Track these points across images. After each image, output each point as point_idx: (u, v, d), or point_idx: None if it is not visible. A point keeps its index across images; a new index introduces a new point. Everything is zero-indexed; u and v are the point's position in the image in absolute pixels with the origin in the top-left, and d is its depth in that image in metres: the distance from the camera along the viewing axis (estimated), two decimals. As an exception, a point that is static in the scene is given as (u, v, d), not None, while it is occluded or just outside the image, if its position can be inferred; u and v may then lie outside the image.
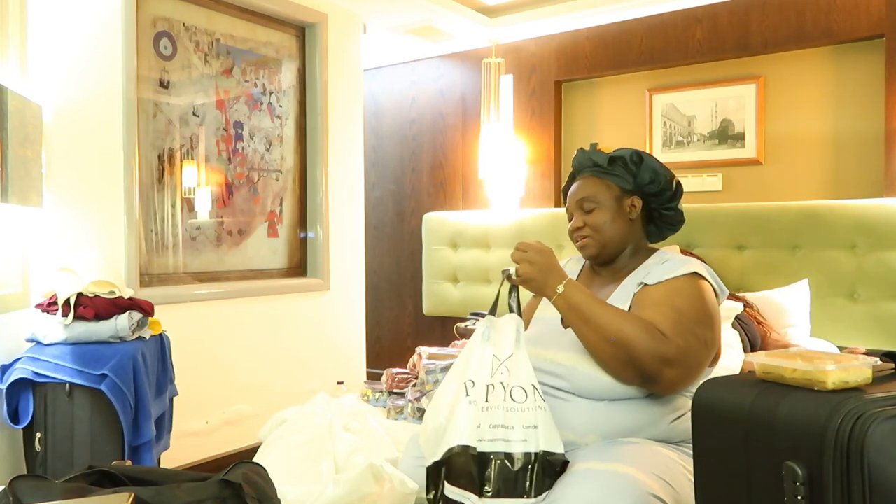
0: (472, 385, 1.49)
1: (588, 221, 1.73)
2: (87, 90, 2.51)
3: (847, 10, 3.02)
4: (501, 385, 1.47)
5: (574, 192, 1.79)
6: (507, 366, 1.49)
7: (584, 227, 1.74)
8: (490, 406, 1.46)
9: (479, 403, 1.46)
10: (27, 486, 1.16)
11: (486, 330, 1.55)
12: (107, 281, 2.20)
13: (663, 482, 1.42)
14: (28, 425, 2.10)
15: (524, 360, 1.51)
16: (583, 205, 1.75)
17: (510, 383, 1.47)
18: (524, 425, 1.43)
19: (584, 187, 1.77)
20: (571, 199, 1.79)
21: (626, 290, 1.67)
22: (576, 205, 1.77)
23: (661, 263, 1.67)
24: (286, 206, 3.40)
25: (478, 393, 1.47)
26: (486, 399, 1.46)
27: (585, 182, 1.77)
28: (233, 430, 3.01)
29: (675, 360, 1.48)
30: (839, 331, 2.88)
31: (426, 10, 3.48)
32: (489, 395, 1.47)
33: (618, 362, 1.51)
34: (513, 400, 1.46)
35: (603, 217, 1.72)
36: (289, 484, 1.65)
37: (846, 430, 0.98)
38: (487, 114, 3.89)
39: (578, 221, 1.75)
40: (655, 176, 1.73)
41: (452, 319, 3.75)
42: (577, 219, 1.76)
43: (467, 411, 1.45)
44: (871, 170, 3.04)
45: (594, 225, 1.73)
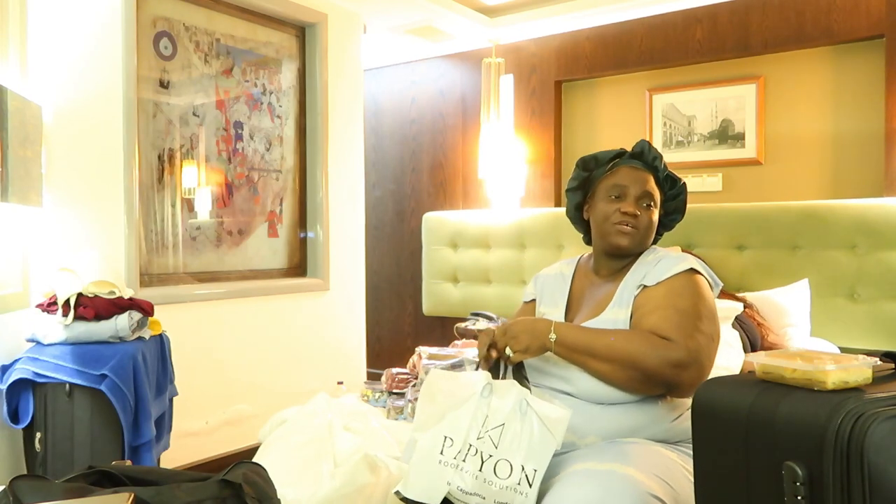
0: (450, 444, 1.41)
1: (642, 216, 1.69)
2: (87, 90, 2.51)
3: (847, 10, 3.02)
4: (481, 454, 1.40)
5: (640, 179, 1.70)
6: (492, 436, 1.41)
7: (639, 218, 1.68)
8: (463, 469, 1.40)
9: (454, 462, 1.40)
10: (27, 486, 1.16)
11: (486, 387, 1.47)
12: (107, 281, 2.20)
13: (662, 482, 1.42)
14: (28, 425, 2.10)
15: (524, 435, 1.41)
16: (645, 199, 1.70)
17: (495, 455, 1.40)
18: (497, 501, 1.38)
19: (647, 182, 1.70)
20: (637, 184, 1.69)
21: (627, 290, 1.67)
22: (642, 193, 1.69)
23: (657, 263, 1.68)
24: (286, 206, 3.40)
25: (453, 452, 1.41)
26: (464, 459, 1.40)
27: (647, 177, 1.71)
28: (233, 430, 3.01)
29: (687, 361, 1.49)
30: (839, 331, 2.88)
31: (426, 10, 3.48)
32: (467, 457, 1.40)
33: (635, 382, 1.51)
34: (494, 474, 1.39)
35: (652, 220, 1.71)
36: (289, 484, 1.65)
37: (846, 430, 0.98)
38: (487, 114, 3.89)
39: (635, 208, 1.68)
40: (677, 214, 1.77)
41: (452, 319, 3.75)
42: (634, 206, 1.68)
43: (438, 469, 1.39)
44: (871, 170, 3.04)
45: (646, 223, 1.69)
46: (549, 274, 1.91)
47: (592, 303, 1.73)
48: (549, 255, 3.57)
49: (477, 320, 3.39)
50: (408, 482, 1.42)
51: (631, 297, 1.64)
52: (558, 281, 1.86)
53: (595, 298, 1.73)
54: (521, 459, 1.39)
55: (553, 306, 1.81)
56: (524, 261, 3.72)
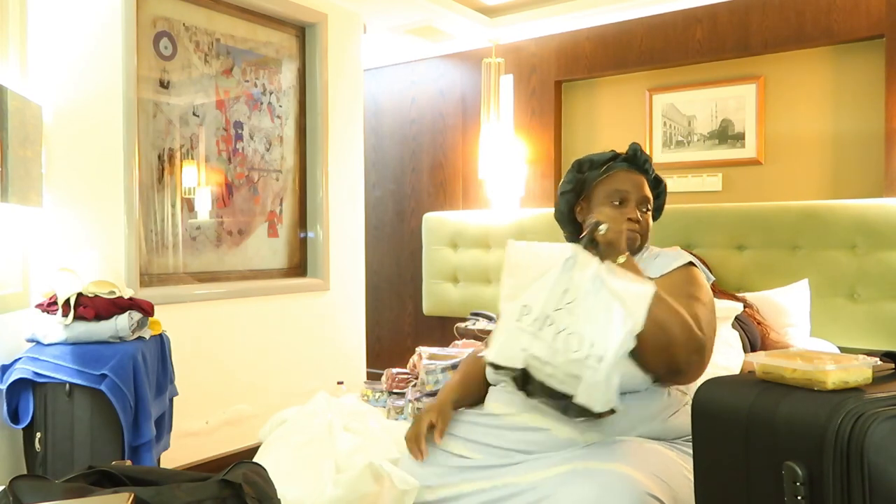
0: (528, 311, 1.44)
1: (643, 220, 1.76)
2: (87, 90, 2.51)
3: (847, 10, 3.02)
4: (557, 324, 1.42)
5: (638, 184, 1.77)
6: (570, 309, 1.43)
7: (643, 224, 1.76)
8: (539, 337, 1.43)
9: (530, 329, 1.43)
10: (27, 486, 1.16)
11: (569, 261, 1.46)
12: (107, 281, 2.20)
13: (661, 482, 1.43)
14: (28, 425, 2.10)
15: (600, 310, 1.43)
16: (645, 203, 1.77)
17: (569, 328, 1.41)
18: (566, 372, 1.40)
19: (644, 187, 1.78)
20: (637, 189, 1.76)
21: None
22: (640, 199, 1.76)
23: (655, 258, 1.73)
24: (286, 206, 3.40)
25: (531, 320, 1.44)
26: (540, 328, 1.43)
27: (643, 182, 1.78)
28: (233, 430, 3.01)
29: (702, 349, 1.53)
30: (839, 331, 2.88)
31: (426, 10, 3.48)
32: (543, 326, 1.43)
33: (654, 347, 1.49)
34: (564, 345, 1.40)
35: (650, 223, 1.79)
36: (289, 484, 1.65)
37: (846, 430, 0.98)
38: (487, 114, 3.89)
39: (637, 214, 1.75)
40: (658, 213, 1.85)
41: (452, 319, 3.75)
42: (636, 211, 1.75)
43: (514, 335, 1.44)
44: (871, 170, 3.04)
45: (646, 226, 1.77)
46: None
47: None
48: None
49: (477, 320, 3.39)
50: (492, 349, 1.49)
51: None
52: None
53: None
54: (590, 335, 1.40)
55: None
56: (524, 261, 3.71)
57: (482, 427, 1.66)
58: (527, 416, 1.61)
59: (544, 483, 1.45)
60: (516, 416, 1.63)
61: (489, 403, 1.74)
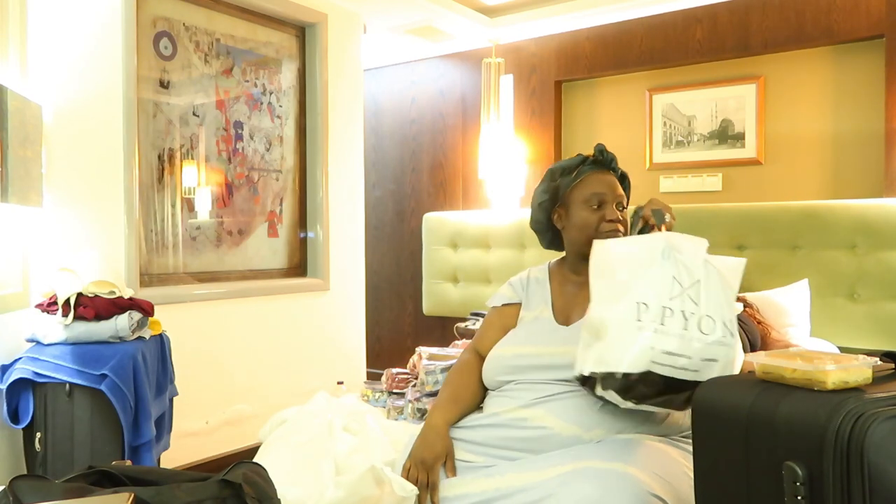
0: (646, 308, 1.40)
1: (623, 220, 1.81)
2: (87, 90, 2.51)
3: (847, 10, 3.02)
4: (682, 313, 1.39)
5: (612, 185, 1.82)
6: (690, 294, 1.41)
7: (622, 223, 1.80)
8: (665, 332, 1.39)
9: (653, 326, 1.39)
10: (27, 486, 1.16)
11: (665, 248, 1.46)
12: (107, 281, 2.20)
13: (664, 481, 1.43)
14: (28, 425, 2.10)
15: (717, 288, 1.43)
16: (621, 203, 1.82)
17: (697, 312, 1.39)
18: (703, 358, 1.39)
19: (619, 186, 1.84)
20: (612, 190, 1.81)
21: None
22: (615, 199, 1.81)
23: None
24: (286, 206, 3.40)
25: (651, 316, 1.40)
26: (662, 322, 1.39)
27: (615, 181, 1.83)
28: (233, 430, 3.01)
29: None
30: (839, 331, 2.88)
31: (426, 10, 3.48)
32: (665, 319, 1.39)
33: None
34: (699, 331, 1.38)
35: (627, 220, 1.82)
36: (289, 484, 1.65)
37: (846, 430, 0.98)
38: (487, 114, 3.89)
39: (616, 214, 1.80)
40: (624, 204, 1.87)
41: (452, 319, 3.75)
42: (615, 211, 1.80)
43: (638, 336, 1.39)
44: (871, 170, 3.04)
45: (625, 224, 1.81)
46: (523, 279, 1.97)
47: (580, 300, 1.77)
48: (548, 255, 3.56)
49: (477, 320, 3.39)
50: (602, 360, 1.42)
51: None
52: (536, 285, 1.93)
53: (582, 297, 1.77)
54: (721, 313, 1.40)
55: (537, 307, 1.87)
56: (524, 261, 3.72)
57: (483, 429, 1.66)
58: (526, 412, 1.61)
59: (546, 483, 1.45)
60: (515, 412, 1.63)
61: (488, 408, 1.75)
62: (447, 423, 1.70)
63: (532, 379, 1.67)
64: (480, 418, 1.70)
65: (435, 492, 1.58)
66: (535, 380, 1.67)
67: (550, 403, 1.61)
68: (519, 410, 1.63)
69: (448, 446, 1.64)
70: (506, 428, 1.62)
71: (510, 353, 1.77)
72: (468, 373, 1.85)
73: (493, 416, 1.67)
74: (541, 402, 1.62)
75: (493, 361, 1.79)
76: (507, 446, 1.61)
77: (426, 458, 1.61)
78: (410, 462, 1.63)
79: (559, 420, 1.58)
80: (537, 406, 1.62)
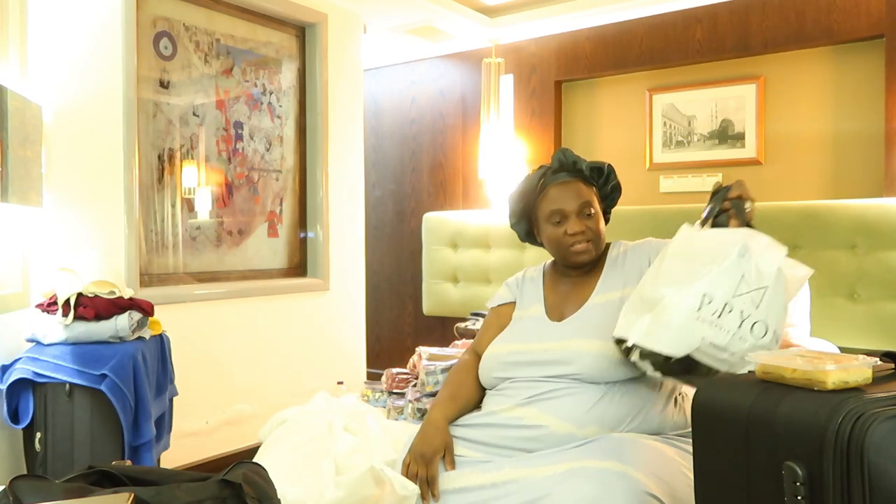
0: (709, 302, 1.42)
1: (590, 226, 1.76)
2: (87, 90, 2.51)
3: (847, 10, 3.02)
4: (741, 312, 1.41)
5: (571, 195, 1.77)
6: (753, 297, 1.42)
7: (587, 232, 1.76)
8: (720, 326, 1.41)
9: (710, 320, 1.41)
10: (27, 486, 1.16)
11: (743, 247, 1.46)
12: (107, 281, 2.20)
13: (660, 480, 1.43)
14: (28, 425, 2.10)
15: (780, 298, 1.43)
16: (585, 209, 1.76)
17: (754, 315, 1.41)
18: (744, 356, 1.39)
19: (580, 192, 1.77)
20: (571, 201, 1.76)
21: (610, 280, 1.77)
22: (577, 208, 1.76)
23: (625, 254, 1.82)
24: (286, 206, 3.40)
25: (711, 310, 1.42)
26: (719, 316, 1.41)
27: (578, 187, 1.78)
28: (233, 430, 3.01)
29: None
30: (839, 331, 2.88)
31: (426, 10, 3.48)
32: (723, 314, 1.41)
33: None
34: (750, 332, 1.40)
35: (599, 223, 1.79)
36: (289, 484, 1.66)
37: (846, 430, 0.98)
38: (487, 114, 3.89)
39: (580, 226, 1.75)
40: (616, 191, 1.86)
41: (452, 319, 3.75)
42: (578, 223, 1.75)
43: (694, 327, 1.41)
44: (871, 170, 3.04)
45: (595, 230, 1.77)
46: (518, 278, 1.99)
47: (573, 297, 1.81)
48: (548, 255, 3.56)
49: (477, 320, 3.39)
50: (651, 335, 1.45)
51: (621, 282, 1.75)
52: (531, 284, 1.94)
53: (574, 293, 1.82)
54: (775, 321, 1.42)
55: (530, 306, 1.88)
56: (524, 261, 3.72)
57: (480, 428, 1.67)
58: (522, 411, 1.63)
59: (543, 481, 1.46)
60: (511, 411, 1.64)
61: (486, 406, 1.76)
62: (446, 419, 1.71)
63: (527, 376, 1.69)
64: (477, 417, 1.71)
65: (434, 485, 1.59)
66: (529, 377, 1.68)
67: (545, 402, 1.63)
68: (514, 409, 1.64)
69: (447, 441, 1.65)
70: (502, 427, 1.64)
71: (504, 351, 1.78)
72: (466, 371, 1.87)
73: (490, 415, 1.68)
74: (535, 401, 1.64)
75: (487, 360, 1.81)
76: (504, 444, 1.62)
77: (425, 453, 1.63)
78: (410, 457, 1.65)
79: (554, 418, 1.60)
80: (532, 404, 1.63)
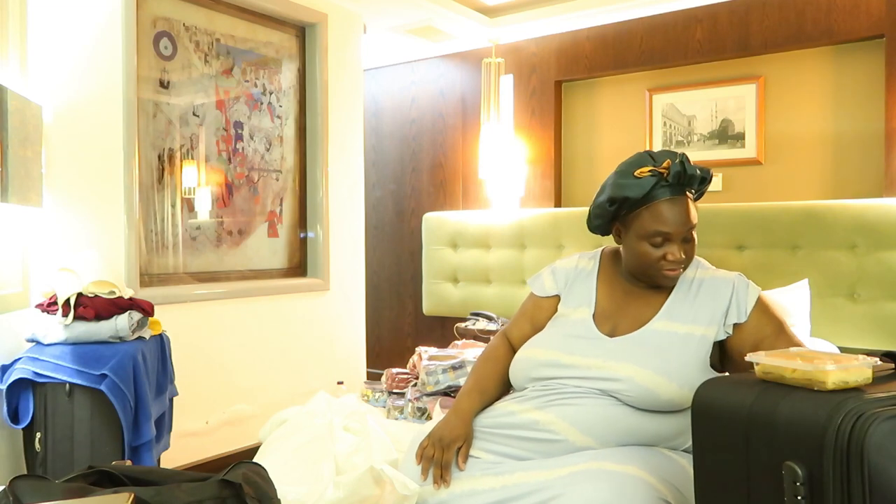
0: None
1: (687, 252, 1.62)
2: (87, 90, 2.51)
3: (847, 10, 3.02)
4: None
5: (682, 218, 1.58)
6: None
7: (686, 260, 1.62)
8: None
9: None
10: (27, 486, 1.16)
11: None
12: (107, 281, 2.20)
13: (674, 488, 1.42)
14: (28, 425, 2.10)
15: None
16: (690, 234, 1.61)
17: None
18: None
19: (690, 213, 1.60)
20: (681, 225, 1.58)
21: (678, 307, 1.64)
22: (683, 232, 1.59)
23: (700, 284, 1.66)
24: (286, 206, 3.40)
25: None
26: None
27: (688, 206, 1.60)
28: (233, 430, 3.01)
29: None
30: (839, 331, 2.88)
31: (426, 10, 3.48)
32: None
33: None
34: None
35: (695, 245, 1.65)
36: (289, 484, 1.65)
37: (846, 430, 0.98)
38: (487, 114, 3.89)
39: (681, 253, 1.60)
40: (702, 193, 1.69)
41: (452, 319, 3.75)
42: (680, 249, 1.60)
43: None
44: (871, 170, 3.04)
45: (690, 256, 1.64)
46: (569, 268, 1.82)
47: (632, 312, 1.68)
48: (549, 255, 3.57)
49: (477, 320, 3.39)
50: None
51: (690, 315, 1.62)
52: (581, 278, 1.78)
53: (633, 307, 1.68)
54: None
55: (578, 307, 1.74)
56: (524, 261, 3.72)
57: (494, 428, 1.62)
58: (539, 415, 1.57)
59: (555, 482, 1.42)
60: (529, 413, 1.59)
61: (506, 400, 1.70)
62: (472, 412, 1.66)
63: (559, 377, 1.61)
64: (495, 413, 1.65)
65: (447, 471, 1.55)
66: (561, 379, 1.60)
67: (565, 408, 1.55)
68: (532, 412, 1.58)
69: (469, 434, 1.60)
70: (517, 428, 1.59)
71: (542, 358, 1.66)
72: (495, 361, 1.79)
73: (509, 415, 1.62)
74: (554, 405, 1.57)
75: (522, 362, 1.70)
76: (518, 447, 1.58)
77: (444, 437, 1.59)
78: (428, 440, 1.61)
79: (573, 429, 1.53)
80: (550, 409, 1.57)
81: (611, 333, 1.66)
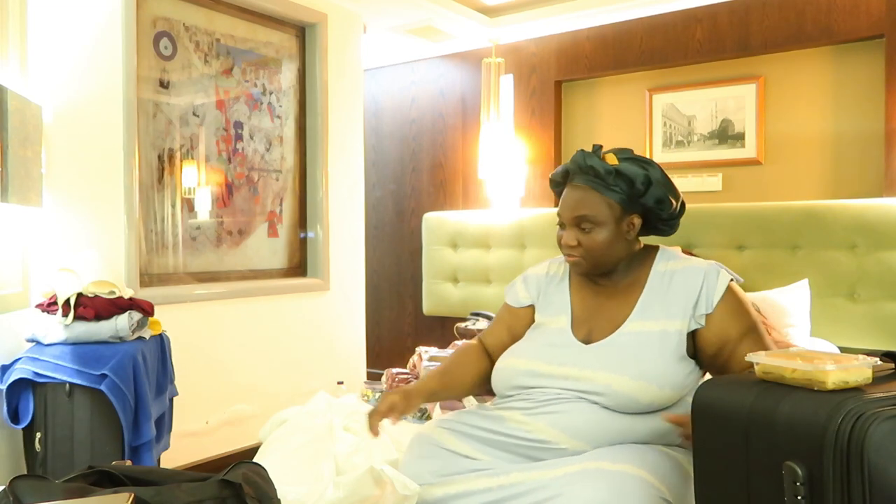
0: None
1: (583, 241, 1.63)
2: (87, 90, 2.51)
3: (847, 10, 3.02)
4: None
5: (571, 204, 1.64)
6: None
7: (578, 247, 1.64)
8: None
9: None
10: (27, 486, 1.16)
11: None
12: (107, 281, 2.20)
13: (672, 484, 1.42)
14: (28, 425, 2.10)
15: None
16: (580, 223, 1.63)
17: None
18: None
19: (583, 203, 1.62)
20: (568, 210, 1.65)
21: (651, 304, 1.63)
22: (573, 220, 1.64)
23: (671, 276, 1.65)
24: (286, 206, 3.40)
25: None
26: None
27: (585, 195, 1.62)
28: (233, 430, 3.01)
29: None
30: (839, 331, 2.88)
31: (426, 10, 3.48)
32: None
33: None
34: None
35: (600, 238, 1.62)
36: (289, 484, 1.65)
37: (846, 430, 0.98)
38: (487, 114, 3.89)
39: (572, 239, 1.64)
40: (663, 203, 1.63)
41: (452, 319, 3.75)
42: (571, 235, 1.64)
43: None
44: (871, 170, 3.04)
45: (589, 246, 1.63)
46: (540, 275, 1.84)
47: (605, 315, 1.67)
48: (549, 255, 3.53)
49: (477, 320, 3.39)
50: None
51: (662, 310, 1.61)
52: (554, 284, 1.80)
53: (607, 309, 1.68)
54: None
55: (556, 315, 1.74)
56: (524, 261, 3.72)
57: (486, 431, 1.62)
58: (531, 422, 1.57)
59: (553, 482, 1.42)
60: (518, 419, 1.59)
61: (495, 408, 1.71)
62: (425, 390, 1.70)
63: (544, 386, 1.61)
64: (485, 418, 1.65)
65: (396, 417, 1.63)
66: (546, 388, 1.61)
67: (553, 416, 1.55)
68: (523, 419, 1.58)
69: (405, 406, 1.64)
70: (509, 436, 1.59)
71: (522, 368, 1.67)
72: (465, 352, 1.83)
73: (499, 421, 1.62)
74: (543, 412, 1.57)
75: (502, 372, 1.71)
76: (509, 450, 1.58)
77: (400, 389, 1.67)
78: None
79: (563, 434, 1.53)
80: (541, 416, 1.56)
81: (586, 339, 1.66)
